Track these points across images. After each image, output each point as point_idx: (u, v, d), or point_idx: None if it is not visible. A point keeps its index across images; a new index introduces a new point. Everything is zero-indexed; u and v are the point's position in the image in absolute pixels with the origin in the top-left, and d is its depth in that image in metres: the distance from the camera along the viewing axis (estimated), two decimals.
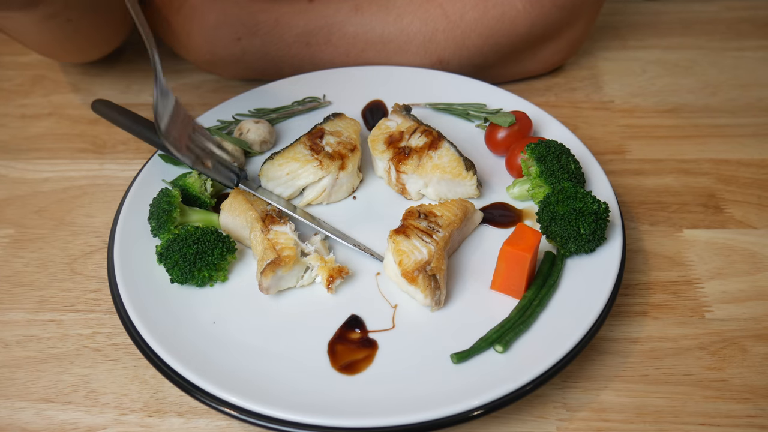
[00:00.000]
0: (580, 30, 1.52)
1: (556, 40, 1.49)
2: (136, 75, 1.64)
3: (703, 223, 1.26)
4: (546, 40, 1.48)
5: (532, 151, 1.19)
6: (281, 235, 1.11)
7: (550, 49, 1.51)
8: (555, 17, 1.43)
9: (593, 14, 1.53)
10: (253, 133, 1.31)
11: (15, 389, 1.04)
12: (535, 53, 1.51)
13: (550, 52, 1.52)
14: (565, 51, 1.54)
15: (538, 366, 0.95)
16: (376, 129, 1.29)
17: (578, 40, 1.55)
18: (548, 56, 1.53)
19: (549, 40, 1.49)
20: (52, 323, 1.13)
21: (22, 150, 1.45)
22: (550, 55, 1.53)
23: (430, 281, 1.05)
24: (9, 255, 1.24)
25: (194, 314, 1.06)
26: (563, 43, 1.51)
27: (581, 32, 1.53)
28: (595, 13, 1.53)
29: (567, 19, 1.46)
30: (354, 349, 1.02)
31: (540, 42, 1.48)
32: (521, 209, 1.23)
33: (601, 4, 1.53)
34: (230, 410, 0.93)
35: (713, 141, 1.42)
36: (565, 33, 1.49)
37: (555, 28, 1.46)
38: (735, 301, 1.13)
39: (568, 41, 1.52)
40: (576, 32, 1.51)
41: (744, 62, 1.63)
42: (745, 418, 0.98)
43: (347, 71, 1.48)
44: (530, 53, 1.50)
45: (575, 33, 1.51)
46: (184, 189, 1.19)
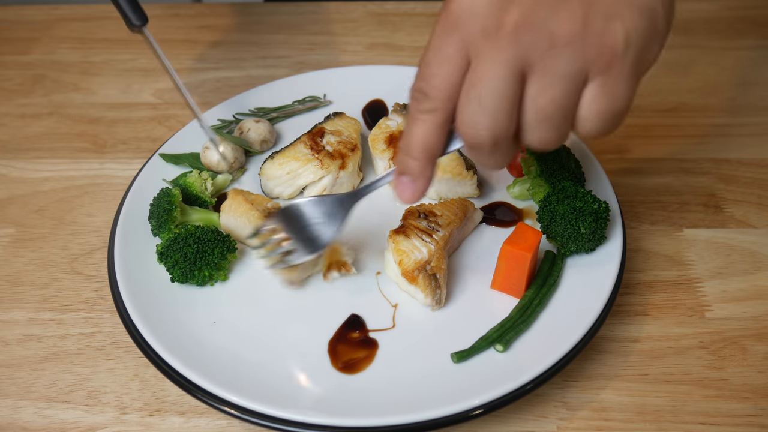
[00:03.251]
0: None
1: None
2: (136, 75, 1.64)
3: (703, 222, 1.26)
4: None
5: (532, 151, 1.19)
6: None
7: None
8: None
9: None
10: (254, 133, 1.32)
11: (15, 388, 1.04)
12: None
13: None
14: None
15: (539, 365, 0.95)
16: (377, 128, 1.29)
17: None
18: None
19: None
20: (52, 322, 1.13)
21: (23, 150, 1.45)
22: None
23: (430, 281, 1.05)
24: (9, 254, 1.24)
25: (195, 313, 1.06)
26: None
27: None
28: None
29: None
30: (354, 349, 1.02)
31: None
32: (521, 208, 1.23)
33: None
34: (230, 409, 0.93)
35: (713, 140, 1.42)
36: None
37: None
38: (735, 300, 1.13)
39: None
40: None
41: (744, 61, 1.63)
42: (745, 417, 0.98)
43: (348, 71, 1.48)
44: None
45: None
46: (184, 188, 1.19)
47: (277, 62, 1.67)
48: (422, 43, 1.71)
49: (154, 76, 1.63)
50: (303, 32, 1.76)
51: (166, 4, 1.86)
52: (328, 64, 1.65)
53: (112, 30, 1.78)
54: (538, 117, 0.74)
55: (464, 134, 0.77)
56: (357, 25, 1.78)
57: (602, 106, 0.74)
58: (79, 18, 1.82)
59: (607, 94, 0.73)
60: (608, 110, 0.74)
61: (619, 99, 0.74)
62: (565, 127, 0.75)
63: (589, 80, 0.73)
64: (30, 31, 1.78)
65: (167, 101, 1.56)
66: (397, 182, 0.85)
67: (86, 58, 1.70)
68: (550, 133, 0.75)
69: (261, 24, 1.79)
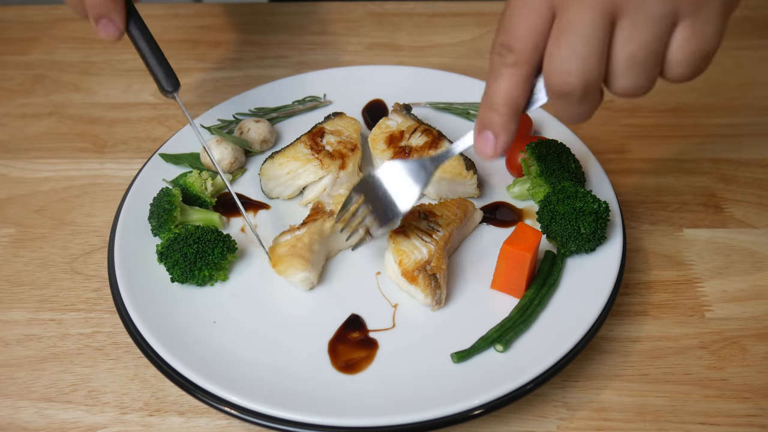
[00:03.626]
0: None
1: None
2: (136, 75, 1.64)
3: (703, 222, 1.26)
4: None
5: (532, 151, 1.19)
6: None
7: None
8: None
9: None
10: (254, 133, 1.32)
11: (15, 388, 1.04)
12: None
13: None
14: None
15: (539, 365, 0.95)
16: (377, 128, 1.29)
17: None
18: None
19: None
20: (52, 322, 1.13)
21: (23, 150, 1.45)
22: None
23: (430, 281, 1.05)
24: (9, 254, 1.24)
25: (195, 313, 1.06)
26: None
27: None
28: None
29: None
30: (354, 349, 1.02)
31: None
32: (521, 208, 1.23)
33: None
34: (230, 409, 0.93)
35: (713, 140, 1.42)
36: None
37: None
38: (735, 300, 1.13)
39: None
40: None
41: (744, 61, 1.63)
42: (745, 417, 0.98)
43: (348, 71, 1.48)
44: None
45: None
46: (184, 188, 1.19)
47: (277, 62, 1.67)
48: (422, 43, 1.72)
49: None
50: (303, 32, 1.76)
51: (166, 4, 1.86)
52: (328, 64, 1.65)
53: None
54: (629, 62, 0.74)
55: (554, 83, 0.76)
56: (357, 25, 1.78)
57: (693, 47, 0.74)
58: (79, 18, 1.81)
59: (698, 35, 0.73)
60: (699, 51, 0.74)
61: (709, 40, 0.74)
62: (655, 72, 0.75)
63: (678, 22, 0.73)
64: (30, 31, 1.79)
65: (167, 101, 1.56)
66: (480, 137, 0.84)
67: (86, 58, 1.70)
68: (640, 79, 0.75)
69: (261, 24, 1.79)
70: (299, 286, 1.09)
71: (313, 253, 1.09)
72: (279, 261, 1.07)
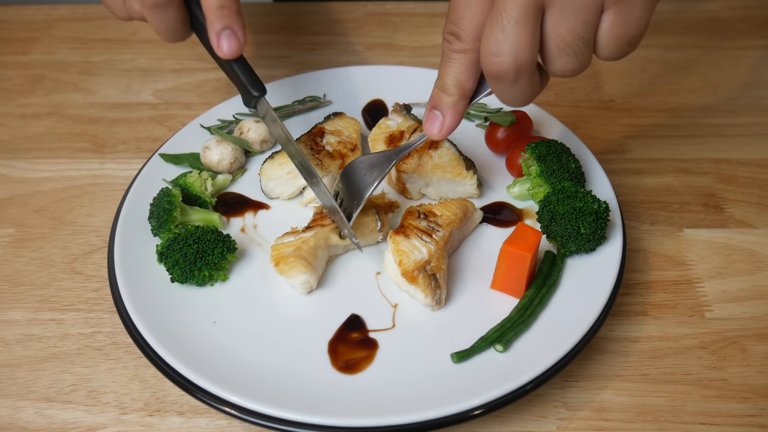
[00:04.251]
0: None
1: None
2: (136, 75, 1.64)
3: (703, 222, 1.26)
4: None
5: (532, 151, 1.19)
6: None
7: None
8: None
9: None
10: (254, 133, 1.32)
11: (15, 388, 1.04)
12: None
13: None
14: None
15: (539, 365, 0.95)
16: (377, 128, 1.29)
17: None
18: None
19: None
20: (52, 322, 1.13)
21: (22, 150, 1.45)
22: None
23: (430, 281, 1.05)
24: (9, 254, 1.24)
25: (194, 313, 1.06)
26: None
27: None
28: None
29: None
30: (354, 349, 1.02)
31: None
32: (521, 209, 1.23)
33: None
34: (230, 409, 0.93)
35: (713, 140, 1.42)
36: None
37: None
38: (735, 300, 1.13)
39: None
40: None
41: (744, 61, 1.63)
42: (745, 417, 0.98)
43: (348, 71, 1.48)
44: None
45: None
46: (184, 188, 1.19)
47: (277, 62, 1.67)
48: (422, 43, 1.72)
49: (154, 76, 1.63)
50: (303, 32, 1.76)
51: None
52: (328, 64, 1.65)
53: (112, 30, 1.78)
54: (559, 46, 0.80)
55: (487, 64, 0.82)
56: (357, 25, 1.78)
57: (618, 31, 0.79)
58: (79, 18, 1.82)
59: (622, 20, 0.79)
60: (624, 36, 0.80)
61: (634, 25, 0.79)
62: (586, 53, 0.81)
63: (605, 8, 0.78)
64: (30, 31, 1.78)
65: (167, 101, 1.56)
66: (429, 117, 0.92)
67: (86, 58, 1.70)
68: (571, 62, 0.81)
69: (261, 24, 1.79)
70: (298, 289, 1.09)
71: (316, 258, 1.09)
72: (282, 260, 1.07)
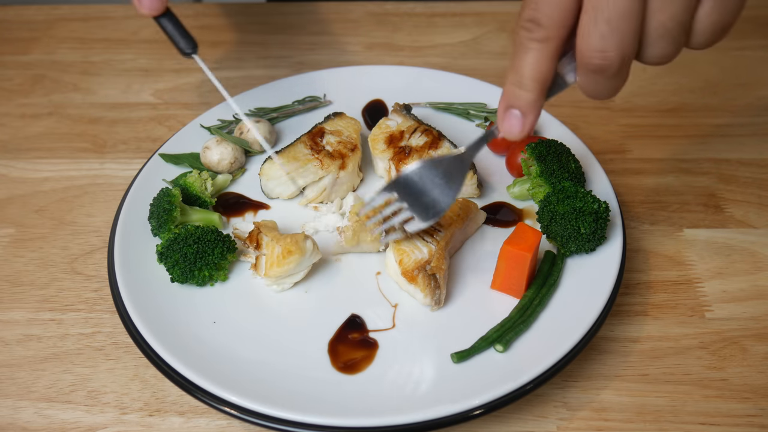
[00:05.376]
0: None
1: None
2: (136, 75, 1.64)
3: (703, 222, 1.26)
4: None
5: (532, 151, 1.19)
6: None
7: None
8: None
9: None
10: (254, 132, 1.31)
11: (15, 388, 1.04)
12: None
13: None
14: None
15: (539, 365, 0.95)
16: (377, 128, 1.29)
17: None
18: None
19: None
20: (52, 322, 1.13)
21: (22, 150, 1.45)
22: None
23: (429, 280, 1.05)
24: (9, 254, 1.24)
25: (194, 314, 1.06)
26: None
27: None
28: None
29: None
30: (354, 349, 1.02)
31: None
32: (521, 209, 1.23)
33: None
34: (230, 409, 0.93)
35: (713, 140, 1.42)
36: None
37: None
38: (735, 300, 1.13)
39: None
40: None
41: (744, 61, 1.63)
42: (745, 417, 0.98)
43: (348, 71, 1.48)
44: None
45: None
46: (184, 188, 1.19)
47: (277, 62, 1.67)
48: (422, 43, 1.72)
49: (154, 76, 1.63)
50: (303, 32, 1.76)
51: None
52: (328, 64, 1.65)
53: (112, 30, 1.78)
54: (659, 32, 0.77)
55: (591, 60, 0.77)
56: (357, 25, 1.78)
57: (716, 17, 0.77)
58: (79, 18, 1.82)
59: (721, 6, 0.77)
60: (720, 22, 0.78)
61: (730, 11, 0.78)
62: (682, 40, 0.78)
63: None
64: (30, 31, 1.78)
65: (167, 101, 1.56)
66: (506, 116, 0.83)
67: (86, 58, 1.70)
68: (669, 48, 0.78)
69: (261, 24, 1.79)
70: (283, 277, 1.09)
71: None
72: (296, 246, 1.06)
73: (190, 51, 1.14)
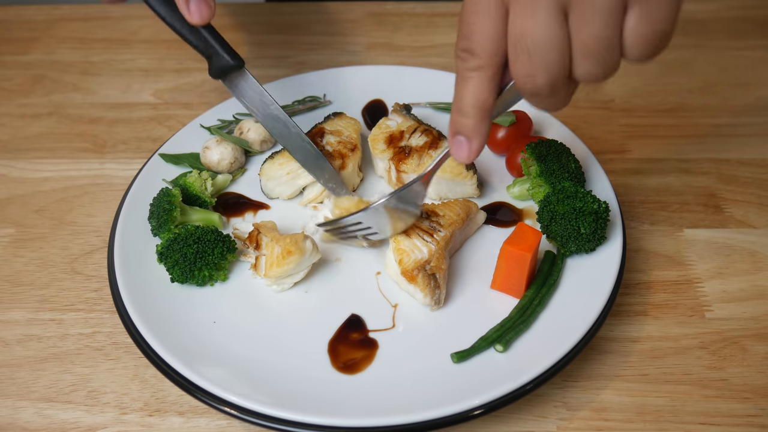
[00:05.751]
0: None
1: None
2: (136, 75, 1.64)
3: (703, 222, 1.26)
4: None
5: (532, 151, 1.19)
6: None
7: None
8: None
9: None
10: (254, 133, 1.31)
11: (15, 388, 1.04)
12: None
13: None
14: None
15: (539, 365, 0.95)
16: (377, 128, 1.29)
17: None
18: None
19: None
20: (52, 322, 1.13)
21: (22, 150, 1.45)
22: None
23: (429, 280, 1.05)
24: (9, 254, 1.24)
25: (194, 314, 1.06)
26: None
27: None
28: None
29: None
30: (354, 349, 1.02)
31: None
32: (521, 209, 1.23)
33: None
34: (230, 409, 0.93)
35: (713, 140, 1.42)
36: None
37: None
38: (735, 300, 1.13)
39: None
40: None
41: (744, 61, 1.63)
42: (745, 417, 0.98)
43: (348, 70, 1.48)
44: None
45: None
46: (184, 188, 1.19)
47: (277, 62, 1.67)
48: (422, 43, 1.72)
49: (154, 76, 1.63)
50: (303, 32, 1.76)
51: None
52: (328, 64, 1.64)
53: (112, 30, 1.78)
54: (582, 53, 0.75)
55: (522, 86, 0.78)
56: (357, 25, 1.78)
57: (645, 29, 0.73)
58: (79, 18, 1.82)
59: (648, 17, 0.73)
60: (652, 33, 0.74)
61: (661, 20, 0.73)
62: (611, 58, 0.76)
63: (628, 6, 0.73)
64: (30, 31, 1.78)
65: (167, 101, 1.56)
66: (453, 142, 0.86)
67: (86, 58, 1.70)
68: (596, 68, 0.76)
69: (261, 24, 1.79)
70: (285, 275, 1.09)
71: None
72: (295, 247, 1.07)
73: (236, 63, 1.14)
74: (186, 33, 1.13)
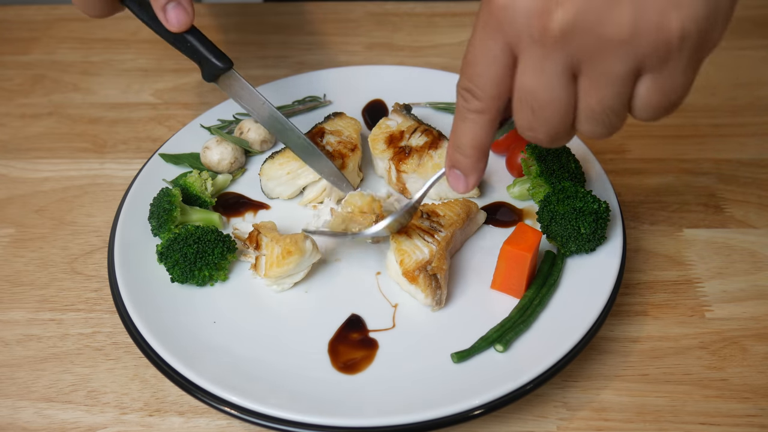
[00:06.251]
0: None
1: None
2: (136, 75, 1.64)
3: (703, 222, 1.26)
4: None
5: (532, 151, 1.19)
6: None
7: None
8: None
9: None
10: (254, 133, 1.31)
11: (15, 388, 1.04)
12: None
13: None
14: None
15: (539, 365, 0.95)
16: (377, 128, 1.29)
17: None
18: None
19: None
20: (52, 322, 1.13)
21: (22, 150, 1.45)
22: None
23: (430, 281, 1.05)
24: (9, 254, 1.24)
25: (195, 314, 1.06)
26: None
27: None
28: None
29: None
30: (354, 349, 1.02)
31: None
32: (521, 209, 1.23)
33: None
34: (230, 409, 0.93)
35: (713, 140, 1.42)
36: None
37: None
38: (735, 300, 1.13)
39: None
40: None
41: (744, 61, 1.63)
42: (745, 417, 0.98)
43: (348, 70, 1.48)
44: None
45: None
46: (184, 188, 1.19)
47: (277, 62, 1.67)
48: (422, 43, 1.72)
49: (154, 76, 1.63)
50: (303, 32, 1.76)
51: None
52: (328, 64, 1.65)
53: (112, 30, 1.78)
54: (586, 114, 0.74)
55: (522, 133, 0.79)
56: (356, 25, 1.78)
57: (657, 99, 0.72)
58: (79, 18, 1.81)
59: (661, 88, 0.72)
60: (663, 102, 0.73)
61: (674, 91, 0.72)
62: (616, 122, 0.75)
63: (642, 74, 0.71)
64: (30, 31, 1.78)
65: (167, 101, 1.56)
66: (450, 174, 0.88)
67: (86, 58, 1.70)
68: (599, 129, 0.76)
69: (261, 24, 1.79)
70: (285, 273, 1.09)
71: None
72: (296, 247, 1.07)
73: (225, 66, 1.13)
74: (171, 39, 1.13)
